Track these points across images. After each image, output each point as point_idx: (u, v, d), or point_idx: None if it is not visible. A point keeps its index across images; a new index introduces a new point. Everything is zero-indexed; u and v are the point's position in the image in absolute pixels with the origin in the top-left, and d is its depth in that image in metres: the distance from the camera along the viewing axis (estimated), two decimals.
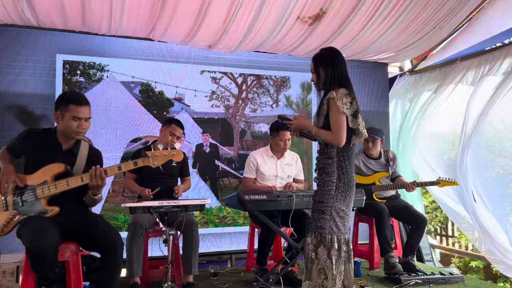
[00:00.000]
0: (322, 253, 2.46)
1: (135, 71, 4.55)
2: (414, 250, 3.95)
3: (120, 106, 4.50)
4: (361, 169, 4.18)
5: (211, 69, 4.79)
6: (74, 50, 4.31)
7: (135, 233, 3.18)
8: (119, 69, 4.48)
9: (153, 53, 4.57)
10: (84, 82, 4.36)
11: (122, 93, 4.52)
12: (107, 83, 4.46)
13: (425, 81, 5.34)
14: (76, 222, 2.59)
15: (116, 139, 4.46)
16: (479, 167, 4.21)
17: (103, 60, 4.42)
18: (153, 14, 3.76)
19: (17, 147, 2.65)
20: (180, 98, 4.71)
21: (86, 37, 4.33)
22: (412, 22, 4.26)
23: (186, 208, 2.98)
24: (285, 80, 5.16)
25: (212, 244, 4.69)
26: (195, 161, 4.72)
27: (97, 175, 2.50)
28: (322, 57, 2.61)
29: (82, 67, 4.36)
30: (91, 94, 4.35)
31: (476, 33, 4.40)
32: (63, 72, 4.28)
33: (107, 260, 2.55)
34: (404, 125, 5.50)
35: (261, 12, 3.79)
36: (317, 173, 2.59)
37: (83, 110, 2.59)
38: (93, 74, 4.40)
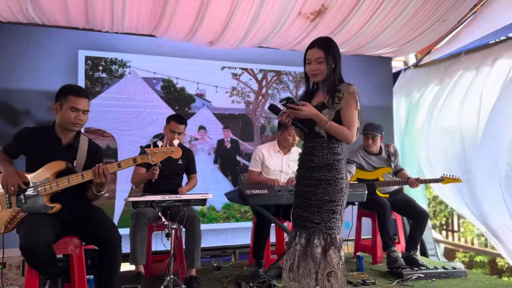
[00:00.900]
0: (334, 255, 2.28)
1: (157, 67, 4.58)
2: (416, 245, 3.95)
3: (142, 102, 4.53)
4: (362, 165, 4.18)
5: (232, 65, 4.83)
6: (95, 46, 4.34)
7: (138, 222, 3.23)
8: (141, 65, 4.51)
9: (174, 49, 4.59)
10: (106, 78, 4.40)
11: (144, 89, 4.56)
12: (129, 79, 4.49)
13: (429, 75, 5.30)
14: (78, 217, 2.63)
15: (139, 135, 4.48)
16: (489, 163, 4.18)
17: (125, 56, 4.45)
18: (155, 11, 3.79)
19: (14, 148, 2.68)
20: (202, 94, 4.75)
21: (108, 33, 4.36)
22: (414, 15, 4.25)
23: (188, 202, 3.00)
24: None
25: (228, 240, 4.73)
26: (216, 156, 4.78)
27: (100, 173, 2.52)
28: (335, 48, 2.41)
29: (104, 63, 4.40)
30: (113, 90, 4.40)
31: (480, 27, 4.37)
32: (85, 68, 4.33)
33: (106, 254, 2.58)
34: (409, 120, 5.48)
35: (262, 8, 3.80)
36: (318, 170, 2.34)
37: (81, 102, 2.61)
38: (115, 70, 4.44)
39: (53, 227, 2.48)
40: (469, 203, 4.46)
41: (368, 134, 4.15)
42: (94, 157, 2.74)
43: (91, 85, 4.36)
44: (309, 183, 2.36)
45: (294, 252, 2.37)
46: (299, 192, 2.43)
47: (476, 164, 4.24)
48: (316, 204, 2.33)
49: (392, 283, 3.48)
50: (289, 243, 2.48)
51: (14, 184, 2.52)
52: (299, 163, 2.48)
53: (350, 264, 4.11)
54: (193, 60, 4.66)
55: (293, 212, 2.46)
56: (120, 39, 4.41)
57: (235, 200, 3.45)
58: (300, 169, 2.46)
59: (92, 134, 4.29)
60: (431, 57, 5.31)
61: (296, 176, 2.50)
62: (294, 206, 2.46)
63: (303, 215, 2.37)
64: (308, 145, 2.42)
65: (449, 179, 3.99)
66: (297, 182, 2.47)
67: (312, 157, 2.37)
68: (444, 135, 4.92)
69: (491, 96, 4.14)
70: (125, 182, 4.27)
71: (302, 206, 2.38)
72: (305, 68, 2.44)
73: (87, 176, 2.55)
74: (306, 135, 2.44)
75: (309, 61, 2.39)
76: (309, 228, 2.34)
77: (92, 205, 2.82)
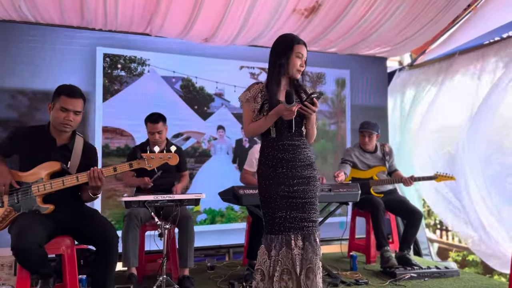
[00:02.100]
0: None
1: (176, 65, 4.55)
2: (410, 244, 3.97)
3: (162, 101, 4.50)
4: (356, 164, 4.20)
5: (250, 64, 4.83)
6: (114, 43, 4.32)
7: (130, 224, 3.22)
8: (160, 64, 4.49)
9: (193, 48, 4.57)
10: (125, 76, 4.38)
11: (163, 88, 4.54)
12: (148, 78, 4.46)
13: (424, 75, 5.31)
14: (71, 217, 2.62)
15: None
16: (478, 162, 4.21)
17: (144, 54, 4.42)
18: (148, 8, 3.77)
19: (8, 147, 2.65)
20: (221, 94, 4.75)
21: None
22: (408, 12, 4.26)
23: (181, 202, 3.00)
24: (321, 76, 5.25)
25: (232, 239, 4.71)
26: (234, 156, 4.79)
27: (95, 176, 2.51)
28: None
29: (123, 60, 4.36)
30: (132, 88, 4.39)
31: (475, 28, 4.39)
32: (103, 65, 4.30)
33: (102, 253, 2.58)
34: (403, 120, 5.50)
35: (255, 4, 3.80)
36: (306, 168, 2.35)
37: (72, 102, 2.58)
38: (134, 68, 4.41)
39: (45, 227, 2.47)
40: (456, 203, 4.51)
41: (365, 132, 4.17)
42: (89, 159, 2.74)
43: (110, 83, 4.33)
44: (298, 182, 2.31)
45: (291, 257, 2.24)
46: (285, 193, 2.29)
47: (467, 164, 4.27)
48: (310, 201, 2.32)
49: (385, 282, 3.50)
50: (276, 249, 2.27)
51: (6, 183, 2.50)
52: (279, 163, 2.32)
53: (344, 264, 4.13)
54: (212, 60, 4.66)
55: (278, 216, 2.28)
56: (140, 36, 4.39)
57: (228, 200, 3.44)
58: (283, 169, 2.31)
59: (110, 133, 4.30)
60: (426, 57, 5.33)
61: (275, 176, 2.31)
62: (279, 209, 2.28)
63: (297, 216, 2.28)
64: (290, 143, 2.33)
65: (442, 177, 4.01)
66: (278, 182, 2.30)
67: (298, 156, 2.34)
68: (439, 135, 4.94)
69: (483, 97, 4.17)
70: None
71: (293, 207, 2.29)
72: (292, 60, 2.34)
73: (81, 179, 2.54)
74: (281, 132, 2.33)
75: (301, 56, 2.36)
76: (306, 228, 2.28)
77: (87, 206, 2.81)
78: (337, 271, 3.77)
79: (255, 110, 2.37)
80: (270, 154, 2.34)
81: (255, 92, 2.40)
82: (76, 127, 2.68)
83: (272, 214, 2.30)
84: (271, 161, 2.33)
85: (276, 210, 2.29)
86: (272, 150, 2.34)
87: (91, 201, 2.74)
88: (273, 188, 2.31)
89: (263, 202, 2.35)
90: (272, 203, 2.30)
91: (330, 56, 5.21)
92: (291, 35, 2.42)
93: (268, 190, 2.32)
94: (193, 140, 4.69)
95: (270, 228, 2.31)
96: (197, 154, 4.68)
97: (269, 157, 2.34)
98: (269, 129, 2.35)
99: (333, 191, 3.49)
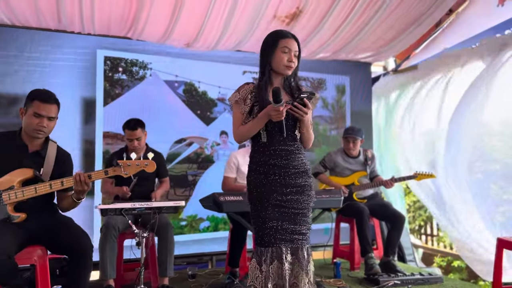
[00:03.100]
0: (312, 266, 2.19)
1: (179, 69, 4.47)
2: (394, 250, 3.94)
3: (164, 105, 4.41)
4: (336, 171, 4.19)
5: (253, 69, 4.75)
6: (115, 45, 4.24)
7: (107, 235, 3.13)
8: (162, 67, 4.40)
9: (196, 52, 4.51)
10: (126, 80, 4.27)
11: (166, 93, 4.45)
12: (150, 82, 4.37)
13: (408, 80, 5.33)
14: (44, 226, 2.53)
15: (160, 141, 4.36)
16: (460, 167, 4.22)
17: (146, 58, 4.33)
18: (127, 12, 3.71)
19: None
20: (223, 99, 4.68)
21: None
22: (388, 17, 4.27)
23: (159, 210, 2.92)
24: (321, 82, 5.25)
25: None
26: None
27: (81, 180, 2.44)
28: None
29: (124, 64, 4.27)
30: (134, 92, 4.30)
31: (457, 33, 4.43)
32: (104, 68, 4.20)
33: (75, 263, 2.49)
34: (387, 124, 5.52)
35: (235, 10, 3.78)
36: (301, 175, 2.20)
37: (46, 108, 2.50)
38: (135, 72, 4.31)
39: (15, 236, 2.38)
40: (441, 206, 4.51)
41: (349, 137, 4.15)
42: (63, 165, 2.65)
43: (110, 87, 4.23)
44: (292, 191, 2.16)
45: (281, 272, 2.10)
46: (277, 201, 2.14)
47: (451, 167, 4.28)
48: (302, 213, 2.17)
49: None
50: (267, 263, 2.11)
51: None
52: (271, 169, 2.16)
53: (328, 271, 4.08)
54: (215, 64, 4.60)
55: (269, 227, 2.12)
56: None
57: (209, 207, 3.37)
58: (275, 176, 2.16)
59: (111, 139, 4.20)
60: (410, 62, 5.35)
61: (267, 184, 2.16)
62: (270, 219, 2.12)
63: (288, 228, 2.12)
64: (283, 148, 2.17)
65: (422, 175, 4.00)
66: (270, 190, 2.14)
67: (292, 162, 2.18)
68: (422, 139, 4.95)
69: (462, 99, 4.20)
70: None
71: (285, 217, 2.13)
72: (276, 56, 2.16)
73: (55, 186, 2.46)
74: (273, 136, 2.18)
75: (288, 50, 2.15)
76: (296, 241, 2.14)
77: (60, 214, 2.72)
78: (320, 279, 3.72)
79: (245, 112, 2.20)
80: (261, 160, 2.18)
81: (245, 93, 2.23)
82: (49, 133, 2.60)
83: (262, 225, 2.13)
84: (262, 167, 2.17)
85: (266, 220, 2.12)
86: (263, 155, 2.18)
87: (73, 207, 2.65)
88: (264, 197, 2.14)
89: (253, 212, 2.19)
90: (263, 212, 2.13)
91: (330, 63, 5.24)
92: (278, 30, 2.25)
93: (259, 198, 2.16)
94: (196, 145, 4.63)
95: (260, 240, 2.15)
96: (200, 160, 4.62)
97: (260, 163, 2.18)
98: (259, 133, 2.18)
99: (316, 197, 3.43)
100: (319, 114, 5.19)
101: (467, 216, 4.20)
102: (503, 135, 3.87)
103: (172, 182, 4.49)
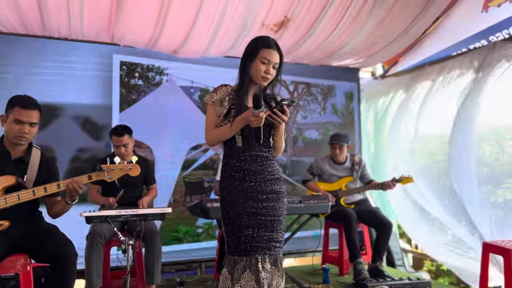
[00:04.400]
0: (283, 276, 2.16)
1: (194, 75, 4.47)
2: (382, 255, 3.95)
3: (180, 111, 4.40)
4: (324, 178, 4.20)
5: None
6: (131, 50, 4.24)
7: (93, 243, 3.09)
8: (178, 73, 4.39)
9: (211, 58, 4.51)
10: (142, 85, 4.26)
11: (182, 98, 4.44)
12: (166, 87, 4.35)
13: (396, 85, 5.38)
14: (27, 234, 2.50)
15: (176, 147, 4.34)
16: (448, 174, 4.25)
17: (162, 63, 4.32)
18: (112, 18, 3.70)
19: None
20: None
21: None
22: (377, 26, 4.30)
23: (145, 217, 2.90)
24: (331, 88, 5.31)
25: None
26: None
27: (75, 188, 2.43)
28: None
29: (140, 69, 4.25)
30: (150, 98, 4.29)
31: (443, 39, 4.46)
32: (120, 73, 4.18)
33: (59, 271, 2.46)
34: (376, 130, 5.55)
35: (223, 19, 3.78)
36: (275, 182, 2.17)
37: (27, 114, 2.46)
38: (151, 77, 4.30)
39: None
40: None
41: (335, 144, 4.16)
42: (47, 171, 2.63)
43: (127, 93, 4.21)
44: (267, 198, 2.11)
45: (255, 281, 2.01)
46: (253, 209, 2.08)
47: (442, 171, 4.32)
48: (278, 220, 2.13)
49: None
50: (239, 273, 2.04)
51: None
52: (246, 175, 2.11)
53: (316, 276, 4.07)
54: (230, 70, 4.54)
55: (245, 235, 2.06)
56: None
57: (197, 214, 3.36)
58: (251, 182, 2.11)
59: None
60: (397, 68, 5.38)
61: (242, 190, 2.11)
62: (246, 227, 2.06)
63: (264, 235, 2.07)
64: (258, 154, 2.14)
65: (407, 179, 4.01)
66: (246, 197, 2.09)
67: (268, 168, 2.15)
68: (413, 145, 4.97)
69: (452, 106, 4.23)
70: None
71: (261, 225, 2.08)
72: (254, 65, 2.12)
73: (38, 193, 2.43)
74: (249, 142, 2.14)
75: (267, 62, 2.10)
76: (274, 249, 2.09)
77: (44, 221, 2.69)
78: (309, 285, 3.71)
79: (221, 114, 2.15)
80: (237, 165, 2.12)
81: (222, 94, 2.18)
82: (32, 139, 2.57)
83: (238, 233, 2.07)
84: (238, 173, 2.11)
85: (242, 228, 2.06)
86: (238, 161, 2.12)
87: (67, 210, 2.61)
88: (239, 204, 2.08)
89: (227, 219, 2.12)
90: (238, 220, 2.07)
91: (339, 70, 5.36)
92: (261, 38, 2.18)
93: (233, 205, 2.09)
94: (212, 152, 4.61)
95: (234, 249, 2.08)
96: (215, 166, 4.59)
97: (235, 168, 2.12)
98: (234, 137, 2.13)
99: (304, 202, 3.44)
100: (330, 120, 5.31)
101: (452, 221, 4.21)
102: (491, 140, 3.91)
103: (188, 189, 4.50)
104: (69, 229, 2.67)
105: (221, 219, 2.19)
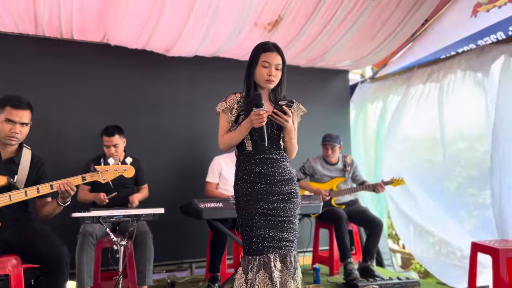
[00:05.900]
0: (300, 273, 2.24)
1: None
2: (372, 255, 3.99)
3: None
4: (315, 178, 4.23)
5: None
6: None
7: (84, 243, 3.07)
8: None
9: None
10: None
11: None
12: None
13: (385, 87, 5.40)
14: (18, 235, 2.49)
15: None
16: (439, 176, 4.31)
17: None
18: (103, 18, 3.67)
19: None
20: None
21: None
22: (367, 25, 4.33)
23: (138, 217, 2.89)
24: (321, 90, 5.34)
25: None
26: None
27: (66, 190, 2.42)
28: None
29: None
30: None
31: (432, 42, 4.52)
32: None
33: (49, 273, 2.45)
34: (366, 131, 5.58)
35: (216, 18, 3.76)
36: (287, 183, 2.24)
37: (18, 113, 2.45)
38: None
39: None
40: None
41: (327, 144, 4.20)
42: (38, 171, 2.61)
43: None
44: (278, 199, 2.19)
45: (269, 281, 2.08)
46: (264, 210, 2.16)
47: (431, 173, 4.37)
48: (288, 220, 2.20)
49: None
50: (253, 272, 2.10)
51: None
52: (257, 177, 2.19)
53: (307, 276, 4.10)
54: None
55: (256, 235, 2.13)
56: None
57: (189, 214, 3.35)
58: (261, 184, 2.19)
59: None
60: (386, 70, 5.43)
61: (253, 192, 2.18)
62: (258, 227, 2.14)
63: (275, 235, 2.15)
64: (268, 157, 2.21)
65: (398, 181, 4.07)
66: (257, 199, 2.17)
67: (278, 170, 2.22)
68: (403, 146, 5.02)
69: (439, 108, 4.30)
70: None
71: (272, 225, 2.16)
72: (257, 71, 2.21)
73: (30, 193, 2.41)
74: (258, 145, 2.20)
75: (268, 65, 2.18)
76: (284, 248, 2.16)
77: (35, 222, 2.67)
78: None
79: (231, 121, 2.25)
80: (247, 168, 2.21)
81: (232, 102, 2.27)
82: (23, 139, 2.55)
83: (250, 233, 2.15)
84: (248, 175, 2.20)
85: (254, 228, 2.14)
86: (248, 164, 2.22)
87: (58, 211, 2.60)
88: (251, 205, 2.16)
89: (240, 221, 2.21)
90: (250, 221, 2.15)
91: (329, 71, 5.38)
92: (262, 44, 2.27)
93: (245, 207, 2.18)
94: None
95: (247, 249, 2.16)
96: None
97: (246, 171, 2.21)
98: (244, 142, 2.22)
99: None
100: (320, 121, 5.26)
101: (441, 222, 4.27)
102: (480, 141, 3.98)
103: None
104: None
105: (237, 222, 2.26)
